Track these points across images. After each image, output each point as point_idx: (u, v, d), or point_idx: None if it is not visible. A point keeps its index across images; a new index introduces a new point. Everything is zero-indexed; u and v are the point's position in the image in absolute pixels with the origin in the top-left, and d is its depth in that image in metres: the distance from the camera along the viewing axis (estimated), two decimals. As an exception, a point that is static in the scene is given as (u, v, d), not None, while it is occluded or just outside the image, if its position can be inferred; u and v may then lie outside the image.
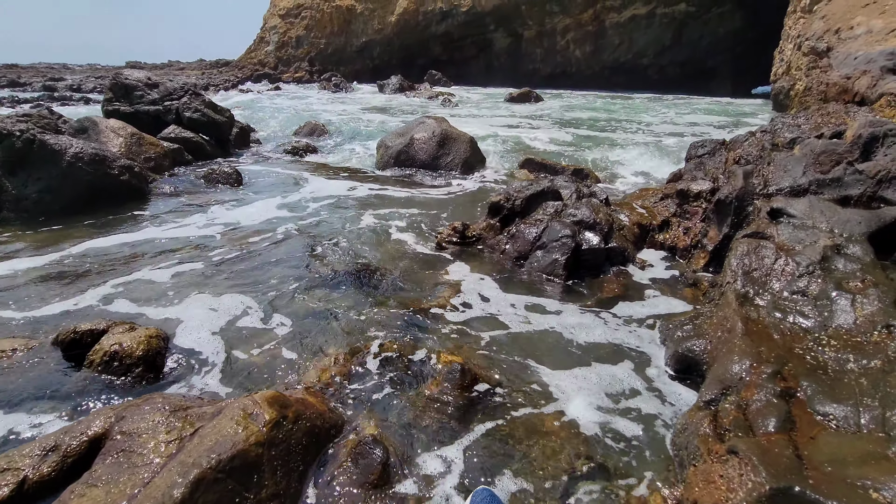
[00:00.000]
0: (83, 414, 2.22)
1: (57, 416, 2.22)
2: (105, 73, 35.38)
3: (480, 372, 2.52)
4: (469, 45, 32.73)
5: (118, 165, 5.93)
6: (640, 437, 2.19)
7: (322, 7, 34.19)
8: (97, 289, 3.44)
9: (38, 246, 4.32)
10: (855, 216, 2.98)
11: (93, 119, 7.36)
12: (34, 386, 2.41)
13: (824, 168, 3.59)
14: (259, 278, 3.65)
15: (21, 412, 2.25)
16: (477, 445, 2.11)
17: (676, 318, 3.05)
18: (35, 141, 5.44)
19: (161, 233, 4.73)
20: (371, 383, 2.47)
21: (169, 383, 2.50)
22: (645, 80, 29.15)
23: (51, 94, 18.38)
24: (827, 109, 4.76)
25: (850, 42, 8.74)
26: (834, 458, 1.64)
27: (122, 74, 9.30)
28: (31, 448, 1.80)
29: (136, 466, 1.70)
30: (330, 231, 4.80)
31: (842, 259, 2.68)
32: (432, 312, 3.17)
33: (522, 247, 4.05)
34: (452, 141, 7.87)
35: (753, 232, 3.19)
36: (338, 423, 2.18)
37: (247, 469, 1.73)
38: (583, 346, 2.86)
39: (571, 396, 2.42)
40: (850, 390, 1.93)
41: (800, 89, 9.80)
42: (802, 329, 2.40)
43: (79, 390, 2.39)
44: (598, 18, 28.62)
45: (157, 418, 1.89)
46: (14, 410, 2.25)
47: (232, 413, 1.89)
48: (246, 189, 6.54)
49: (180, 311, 3.14)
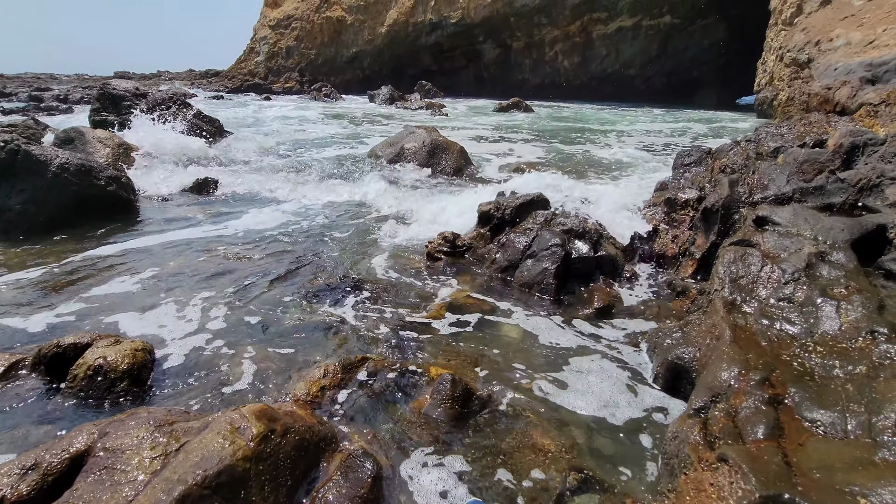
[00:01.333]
0: (65, 430, 2.17)
1: (37, 433, 2.17)
2: (93, 83, 35.12)
3: (471, 384, 2.50)
4: (459, 56, 33.05)
5: (105, 176, 5.86)
6: (630, 447, 2.18)
7: (312, 18, 34.35)
8: (80, 301, 3.39)
9: (18, 258, 4.25)
10: (838, 223, 3.03)
11: (79, 129, 7.30)
12: (14, 402, 2.36)
13: (807, 176, 3.66)
14: (249, 290, 3.61)
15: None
16: (468, 458, 2.10)
17: (665, 327, 3.06)
18: (20, 151, 5.37)
19: (149, 243, 4.67)
20: (361, 396, 2.45)
21: (154, 397, 2.46)
22: (632, 91, 29.61)
23: (37, 105, 18.20)
24: (809, 119, 4.85)
25: (830, 53, 8.95)
26: (822, 465, 1.64)
27: (109, 84, 9.26)
28: (9, 466, 1.75)
29: (120, 484, 1.67)
30: (320, 241, 4.78)
31: (826, 266, 2.72)
32: (423, 325, 3.16)
33: (513, 256, 4.06)
34: (443, 151, 7.90)
35: (740, 240, 3.22)
36: (328, 436, 2.16)
37: (234, 485, 1.70)
38: (573, 357, 2.87)
39: (562, 408, 2.41)
40: (837, 396, 1.95)
41: (783, 99, 9.99)
42: (789, 336, 2.42)
43: (60, 406, 2.34)
44: (586, 30, 29.09)
45: (141, 434, 1.85)
46: (-7, 427, 2.19)
47: (219, 427, 1.86)
48: (235, 198, 6.50)
49: (167, 323, 3.10)
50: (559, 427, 2.27)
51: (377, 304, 3.44)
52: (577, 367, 2.75)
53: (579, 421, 2.33)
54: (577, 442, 2.19)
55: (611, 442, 2.20)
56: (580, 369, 2.74)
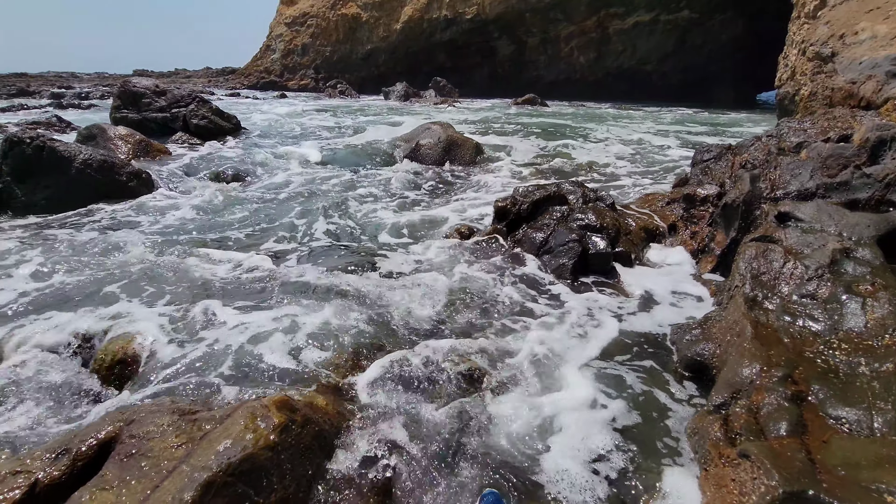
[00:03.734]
0: (92, 418, 2.22)
1: (66, 420, 2.23)
2: (113, 81, 35.72)
3: (492, 375, 2.51)
4: (473, 53, 32.91)
5: (126, 172, 5.98)
6: (652, 436, 2.17)
7: (328, 15, 34.47)
8: (105, 291, 3.46)
9: (37, 245, 4.34)
10: (864, 220, 2.97)
11: (101, 126, 7.44)
12: (43, 389, 2.42)
13: (832, 172, 3.58)
14: (270, 276, 3.65)
15: (30, 415, 2.26)
16: (488, 448, 2.10)
17: (684, 324, 3.03)
18: (45, 148, 5.50)
19: (169, 235, 4.75)
20: (381, 387, 2.47)
21: (177, 386, 2.50)
22: (648, 87, 29.21)
23: (59, 103, 18.58)
24: (833, 114, 4.75)
25: (855, 47, 8.73)
26: (847, 462, 1.62)
27: (130, 82, 9.42)
28: (41, 451, 1.81)
29: (146, 470, 1.71)
30: (340, 226, 4.82)
31: (851, 262, 2.66)
32: (444, 316, 3.17)
33: (529, 251, 4.04)
34: (458, 146, 7.90)
35: (761, 236, 3.17)
36: (347, 427, 2.18)
37: (256, 473, 1.73)
38: (595, 350, 2.86)
39: (584, 402, 2.41)
40: (863, 394, 1.92)
41: (805, 94, 9.78)
42: (812, 333, 2.38)
43: (87, 393, 2.40)
44: (602, 26, 28.75)
45: (166, 422, 1.89)
46: (23, 413, 2.26)
47: (241, 417, 1.89)
48: (251, 187, 6.57)
49: (189, 311, 3.15)
50: (581, 419, 2.27)
51: (395, 293, 3.45)
52: (600, 359, 2.75)
53: (602, 413, 2.33)
54: (602, 430, 2.18)
55: (634, 433, 2.19)
56: (602, 362, 2.73)
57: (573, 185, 4.81)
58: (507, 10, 28.88)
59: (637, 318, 3.27)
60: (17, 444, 2.09)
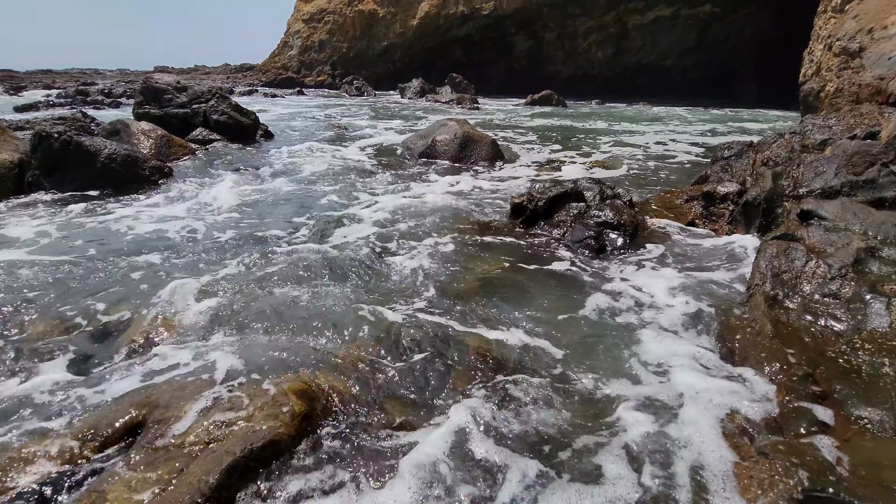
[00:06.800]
0: (118, 400, 2.28)
1: (92, 401, 2.29)
2: (134, 77, 36.41)
3: (509, 360, 2.53)
4: (489, 49, 32.77)
5: (149, 166, 6.11)
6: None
7: (345, 11, 34.60)
8: (118, 272, 3.54)
9: (65, 229, 4.46)
10: (890, 218, 2.91)
11: (124, 121, 7.60)
12: (69, 369, 2.50)
13: (857, 169, 3.51)
14: (289, 260, 3.69)
15: (57, 396, 2.32)
16: (505, 436, 2.11)
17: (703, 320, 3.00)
18: (72, 143, 5.64)
19: (193, 225, 4.83)
20: (399, 370, 2.49)
21: (199, 369, 2.55)
22: (667, 83, 28.79)
23: (84, 99, 18.97)
24: (860, 110, 4.65)
25: (884, 42, 8.50)
26: (869, 462, 1.60)
27: (152, 78, 9.58)
28: (70, 431, 1.87)
29: (171, 452, 1.76)
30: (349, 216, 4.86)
31: (876, 262, 2.62)
32: (461, 300, 3.19)
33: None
34: (474, 143, 7.90)
35: (783, 234, 3.13)
36: (364, 410, 2.22)
37: (277, 459, 1.78)
38: (612, 345, 2.85)
39: (601, 396, 2.41)
40: (886, 394, 1.89)
41: (830, 91, 9.55)
42: (834, 332, 2.35)
43: (113, 374, 2.46)
44: (621, 20, 28.40)
45: (190, 406, 1.95)
46: (51, 393, 2.33)
47: (262, 403, 1.94)
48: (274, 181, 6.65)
49: (207, 291, 3.20)
50: (601, 414, 2.27)
51: (412, 278, 3.48)
52: (619, 352, 2.73)
53: (626, 407, 2.32)
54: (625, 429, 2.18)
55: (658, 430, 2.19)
56: (623, 355, 2.72)
57: (590, 182, 4.78)
58: (524, 5, 28.67)
59: (655, 314, 3.24)
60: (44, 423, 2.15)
